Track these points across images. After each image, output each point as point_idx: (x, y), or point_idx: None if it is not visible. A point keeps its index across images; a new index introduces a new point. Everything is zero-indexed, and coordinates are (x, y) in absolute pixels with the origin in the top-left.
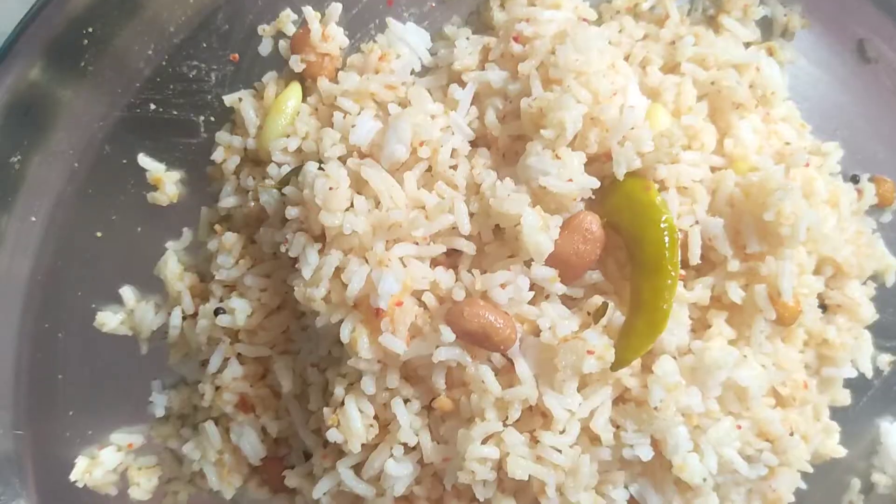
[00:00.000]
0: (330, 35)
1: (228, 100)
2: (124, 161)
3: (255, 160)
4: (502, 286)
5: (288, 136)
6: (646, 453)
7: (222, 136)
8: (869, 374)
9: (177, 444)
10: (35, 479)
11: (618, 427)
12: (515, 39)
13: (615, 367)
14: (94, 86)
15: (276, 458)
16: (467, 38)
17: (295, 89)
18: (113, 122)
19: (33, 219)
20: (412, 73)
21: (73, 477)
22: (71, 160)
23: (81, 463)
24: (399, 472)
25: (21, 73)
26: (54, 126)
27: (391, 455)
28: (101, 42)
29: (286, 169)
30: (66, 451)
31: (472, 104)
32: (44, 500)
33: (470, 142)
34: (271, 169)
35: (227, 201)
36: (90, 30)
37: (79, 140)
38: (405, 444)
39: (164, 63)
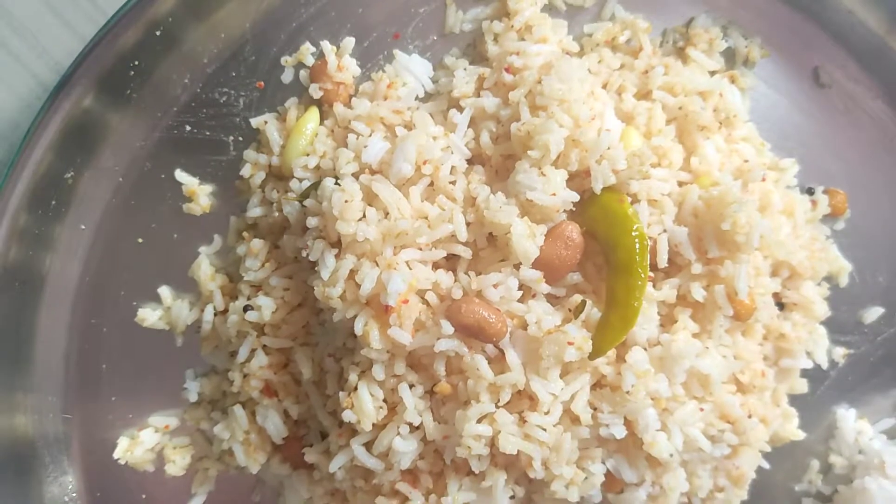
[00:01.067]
0: (344, 66)
1: (255, 122)
2: (163, 176)
3: (279, 175)
4: (495, 286)
5: (308, 155)
6: (620, 432)
7: (249, 154)
8: (825, 365)
9: (208, 425)
10: (82, 457)
11: (595, 409)
12: (507, 70)
13: (592, 356)
14: (137, 111)
15: (297, 438)
16: (465, 69)
17: (314, 113)
18: (153, 142)
19: (83, 227)
20: (416, 99)
21: (115, 455)
22: (116, 175)
23: (123, 443)
24: (405, 448)
25: (76, 101)
26: (103, 146)
27: (398, 433)
28: (145, 73)
29: (306, 183)
30: (109, 432)
31: (468, 127)
32: (89, 476)
33: (467, 160)
34: (293, 183)
35: (254, 211)
36: (136, 63)
37: (123, 158)
38: (410, 424)
39: (198, 90)
